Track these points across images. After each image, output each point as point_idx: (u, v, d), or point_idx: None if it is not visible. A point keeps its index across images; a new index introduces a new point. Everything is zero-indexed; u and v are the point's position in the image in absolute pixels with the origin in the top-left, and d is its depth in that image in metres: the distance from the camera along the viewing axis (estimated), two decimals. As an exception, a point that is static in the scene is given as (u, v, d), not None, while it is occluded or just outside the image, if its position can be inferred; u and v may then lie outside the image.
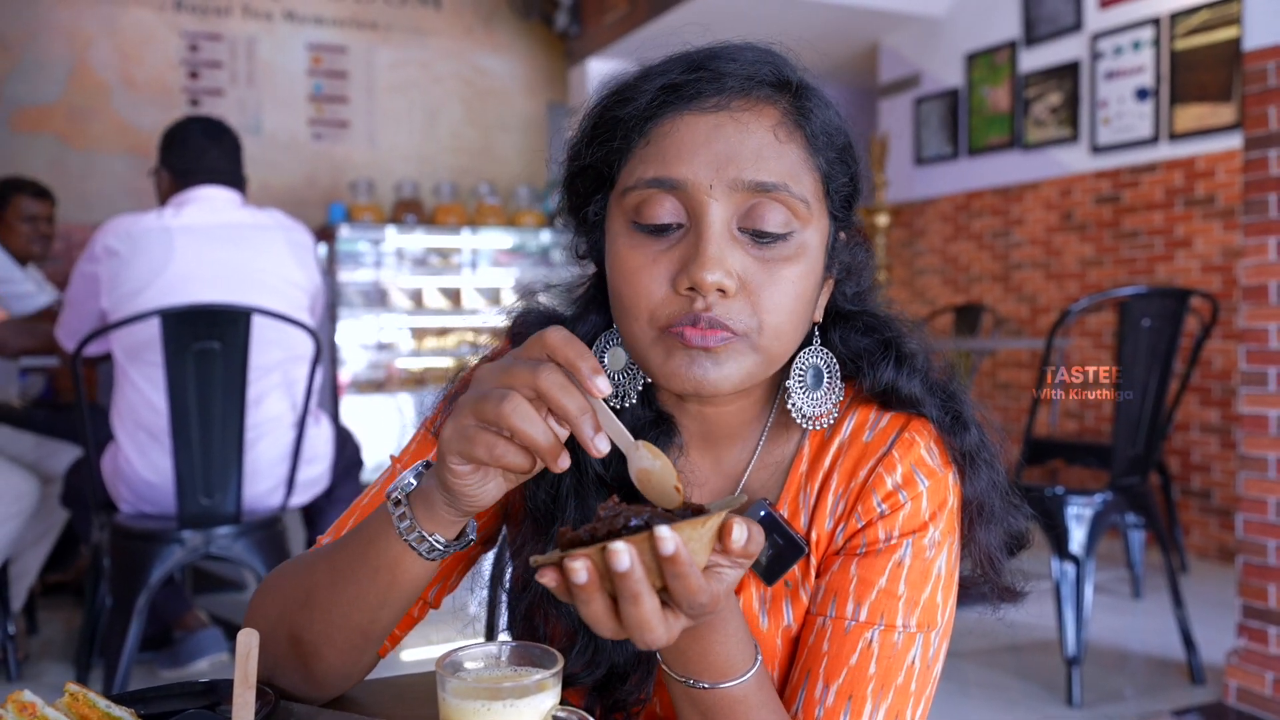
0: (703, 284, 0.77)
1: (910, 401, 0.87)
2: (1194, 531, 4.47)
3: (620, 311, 0.83)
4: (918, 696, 0.82)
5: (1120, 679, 3.03)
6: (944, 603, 0.85)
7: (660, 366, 0.81)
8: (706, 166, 0.78)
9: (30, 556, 3.03)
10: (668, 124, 0.81)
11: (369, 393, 5.79)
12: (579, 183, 0.89)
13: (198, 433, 2.35)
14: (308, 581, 0.84)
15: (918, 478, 0.85)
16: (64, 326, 2.64)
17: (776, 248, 0.80)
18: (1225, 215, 4.32)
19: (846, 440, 0.89)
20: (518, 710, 0.65)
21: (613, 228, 0.84)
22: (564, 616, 0.87)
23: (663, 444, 0.88)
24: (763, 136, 0.80)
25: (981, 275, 5.55)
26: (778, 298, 0.80)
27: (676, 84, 0.81)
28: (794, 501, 0.89)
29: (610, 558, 0.59)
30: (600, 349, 0.89)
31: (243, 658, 0.74)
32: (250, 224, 2.63)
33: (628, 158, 0.83)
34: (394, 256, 5.92)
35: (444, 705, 0.66)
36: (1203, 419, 4.42)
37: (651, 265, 0.80)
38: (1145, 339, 2.89)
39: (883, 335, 0.90)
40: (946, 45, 5.66)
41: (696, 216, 0.79)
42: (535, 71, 6.86)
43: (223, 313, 2.33)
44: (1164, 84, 4.51)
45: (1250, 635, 2.76)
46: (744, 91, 0.80)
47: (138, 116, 5.87)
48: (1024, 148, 5.21)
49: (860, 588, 0.83)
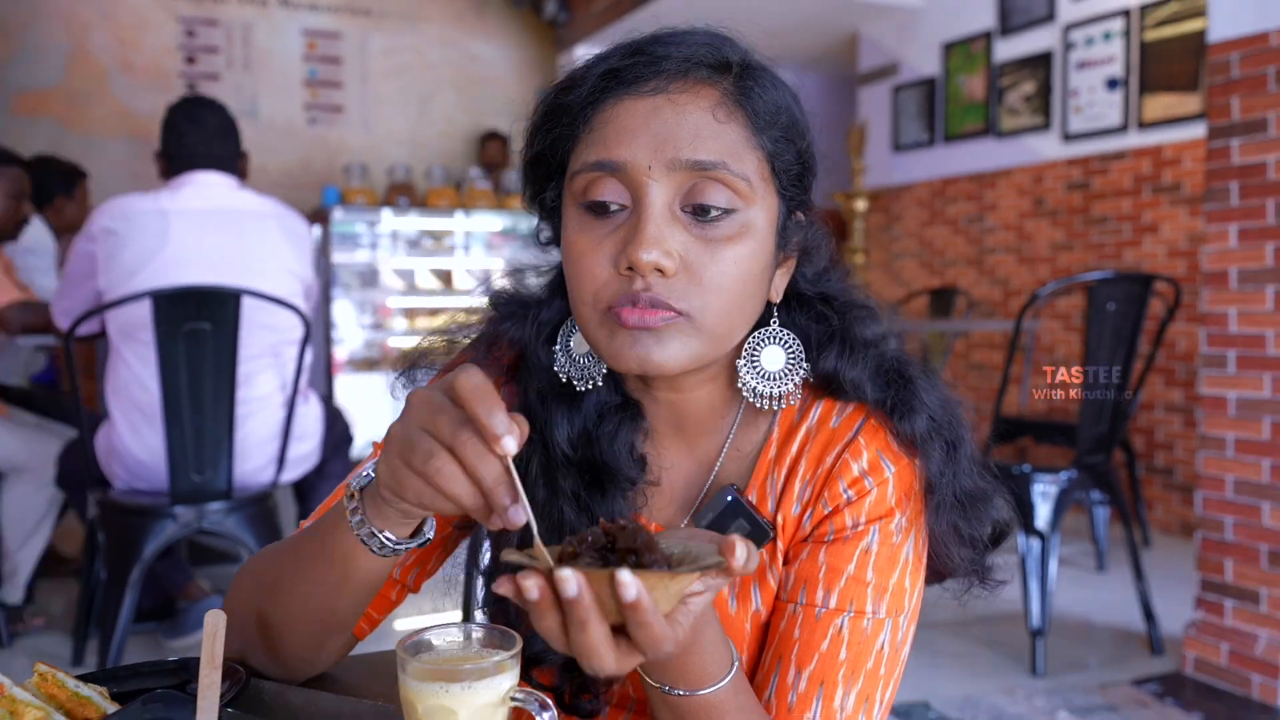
0: (639, 263, 0.77)
1: (850, 388, 0.87)
2: (1157, 507, 4.60)
3: (571, 295, 0.84)
4: (887, 679, 0.83)
5: (1083, 649, 3.09)
6: (911, 587, 0.85)
7: (605, 347, 0.82)
8: (645, 148, 0.79)
9: (28, 550, 3.08)
10: (609, 109, 0.81)
11: (363, 371, 5.92)
12: (535, 170, 0.89)
13: (189, 411, 2.39)
14: (276, 567, 0.84)
15: (884, 463, 0.85)
16: (59, 304, 2.67)
17: (718, 226, 0.80)
18: (1191, 202, 4.42)
19: (814, 426, 0.88)
20: (475, 692, 0.65)
21: (565, 213, 0.85)
22: None
23: (628, 429, 0.89)
24: (700, 117, 0.80)
25: (956, 259, 5.68)
26: (719, 277, 0.80)
27: (616, 69, 0.82)
28: (762, 486, 0.89)
29: (558, 583, 0.58)
30: (566, 334, 0.90)
31: (209, 637, 0.75)
32: (246, 210, 2.67)
33: (575, 144, 0.84)
34: (387, 238, 6.02)
35: (404, 687, 0.66)
36: (1167, 399, 4.55)
37: (595, 248, 0.81)
38: (1111, 322, 2.94)
39: (833, 320, 0.89)
40: (924, 35, 5.77)
41: (637, 197, 0.80)
42: (525, 58, 6.97)
43: (213, 294, 2.37)
44: (1133, 74, 4.62)
45: (1207, 608, 2.84)
46: (681, 74, 0.81)
47: (135, 101, 5.97)
48: (998, 135, 5.34)
49: (829, 575, 0.83)
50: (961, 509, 0.86)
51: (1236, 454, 2.78)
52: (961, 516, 0.86)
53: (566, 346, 0.90)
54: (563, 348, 0.90)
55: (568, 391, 0.89)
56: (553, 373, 0.90)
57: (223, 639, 0.75)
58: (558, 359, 0.90)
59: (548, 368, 0.90)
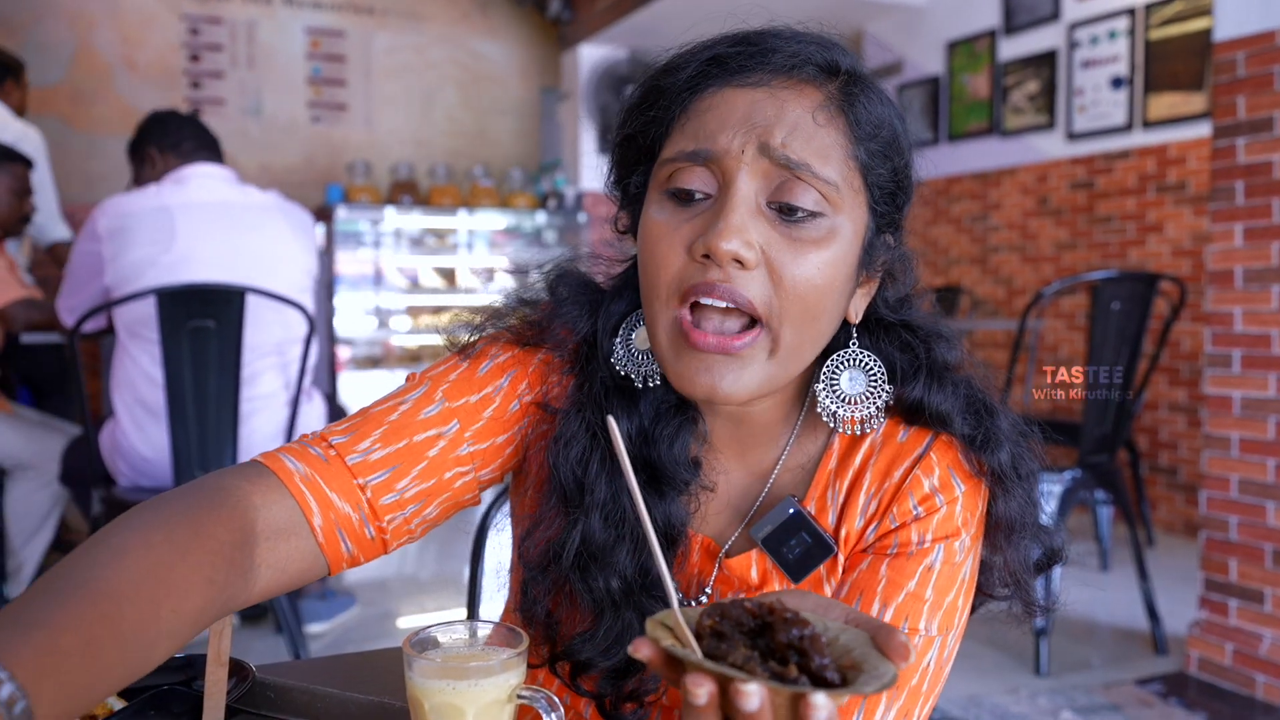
0: (718, 251, 0.75)
1: (938, 420, 0.85)
2: (1161, 506, 4.60)
3: (643, 283, 0.82)
4: (927, 696, 0.82)
5: (1087, 649, 3.11)
6: (963, 606, 0.84)
7: (671, 364, 0.80)
8: (738, 136, 0.77)
9: (33, 546, 3.10)
10: (708, 97, 0.80)
11: (367, 368, 5.93)
12: (625, 152, 0.88)
13: (193, 409, 2.40)
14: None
15: (955, 482, 0.84)
16: (64, 302, 2.67)
17: (805, 227, 0.78)
18: (1196, 201, 4.42)
19: (879, 440, 0.86)
20: (482, 689, 0.65)
21: (648, 199, 0.83)
22: (588, 601, 0.84)
23: (685, 435, 0.87)
24: (799, 115, 0.78)
25: (960, 258, 5.68)
26: (800, 279, 0.77)
27: (722, 57, 0.80)
28: (821, 499, 0.87)
29: (737, 697, 0.54)
30: (629, 328, 0.88)
31: (215, 635, 0.75)
32: (251, 204, 2.66)
33: (669, 130, 0.82)
34: (391, 237, 6.03)
35: (411, 685, 0.67)
36: (1171, 398, 4.55)
37: (673, 233, 0.79)
38: (1115, 321, 2.95)
39: (918, 351, 0.87)
40: (928, 33, 5.77)
41: (724, 185, 0.78)
42: (529, 57, 6.96)
43: (217, 292, 2.37)
44: (1138, 73, 4.62)
45: (1211, 608, 2.85)
46: (787, 71, 0.79)
47: (140, 99, 5.97)
48: (1002, 134, 5.33)
49: (889, 589, 0.82)
50: (1028, 540, 0.85)
51: (1241, 454, 2.78)
52: (1026, 547, 0.86)
53: (628, 341, 0.88)
54: (623, 341, 0.88)
55: (627, 387, 0.88)
56: (613, 366, 0.88)
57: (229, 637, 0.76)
58: (617, 352, 0.88)
59: (609, 359, 0.88)
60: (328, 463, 0.81)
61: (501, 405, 0.89)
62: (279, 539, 0.76)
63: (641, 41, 6.17)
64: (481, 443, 0.88)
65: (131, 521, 0.68)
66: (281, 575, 0.77)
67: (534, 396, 0.91)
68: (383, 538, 0.83)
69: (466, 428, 0.87)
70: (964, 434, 0.85)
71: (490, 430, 0.89)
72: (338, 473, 0.81)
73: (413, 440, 0.85)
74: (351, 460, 0.82)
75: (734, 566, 0.87)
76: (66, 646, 0.56)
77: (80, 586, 0.60)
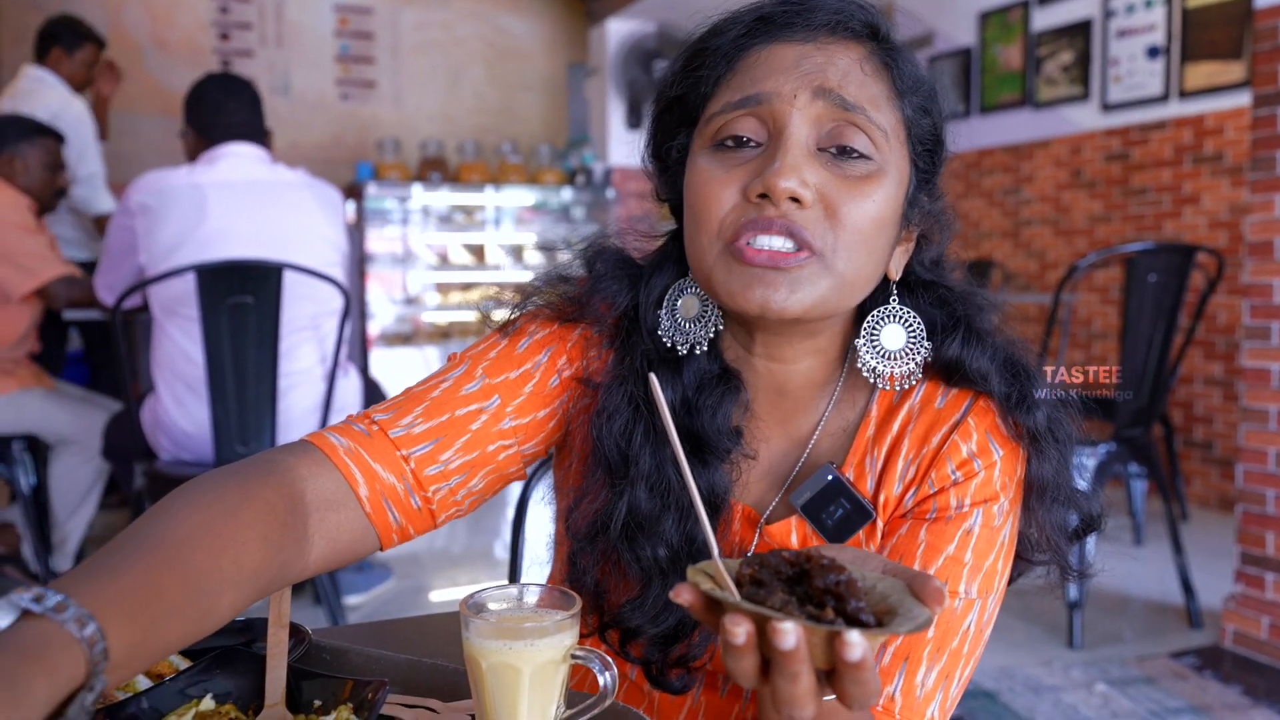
0: (776, 190, 0.76)
1: (976, 377, 0.86)
2: (1195, 481, 4.56)
3: (691, 230, 0.83)
4: (968, 658, 0.83)
5: (1120, 622, 3.10)
6: (1003, 570, 0.85)
7: (723, 284, 0.80)
8: (790, 82, 0.79)
9: (76, 519, 3.15)
10: (755, 53, 0.82)
11: (396, 345, 5.97)
12: (666, 117, 0.89)
13: (233, 384, 2.43)
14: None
15: (993, 446, 0.84)
16: (102, 279, 2.70)
17: (857, 165, 0.79)
18: (1233, 172, 4.36)
19: (917, 405, 0.87)
20: (538, 649, 0.66)
21: (693, 160, 0.84)
22: (636, 570, 0.85)
23: (728, 401, 0.88)
24: (849, 65, 0.80)
25: (992, 231, 5.63)
26: (856, 215, 0.79)
27: (769, 15, 0.83)
28: (860, 465, 0.88)
29: (774, 636, 0.55)
30: (673, 298, 0.90)
31: (276, 599, 0.77)
32: (280, 181, 2.68)
33: (715, 88, 0.84)
34: (420, 214, 6.06)
35: (468, 645, 0.68)
36: (1206, 372, 4.50)
37: (725, 177, 0.80)
38: (1151, 294, 2.92)
39: (955, 308, 0.88)
40: (960, 4, 5.69)
41: (777, 129, 0.80)
42: (556, 32, 6.95)
43: (256, 268, 2.40)
44: (1175, 42, 4.54)
45: (1248, 581, 2.83)
46: (831, 28, 0.81)
47: (170, 78, 6.01)
48: (1035, 106, 5.26)
49: (928, 553, 0.83)
50: (1063, 504, 0.86)
51: (1279, 427, 2.75)
52: (1060, 510, 0.86)
53: (672, 310, 0.89)
54: (668, 311, 0.90)
55: (671, 358, 0.89)
56: (657, 338, 0.89)
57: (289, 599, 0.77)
58: (662, 322, 0.89)
59: (653, 331, 0.90)
60: (370, 436, 0.83)
61: (541, 380, 0.91)
62: (328, 510, 0.78)
63: (669, 15, 6.14)
64: (523, 417, 0.89)
65: (186, 491, 0.71)
66: (335, 546, 0.79)
67: (574, 371, 0.92)
68: (429, 509, 0.84)
69: (508, 403, 0.89)
70: (1001, 393, 0.85)
71: (531, 405, 0.90)
72: (381, 445, 0.83)
73: (455, 414, 0.86)
74: (395, 434, 0.84)
75: (774, 533, 0.88)
76: (136, 591, 0.58)
77: (144, 541, 0.64)
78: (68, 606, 0.53)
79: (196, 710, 0.71)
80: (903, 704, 0.80)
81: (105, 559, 0.61)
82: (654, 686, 0.87)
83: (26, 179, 3.14)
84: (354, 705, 0.70)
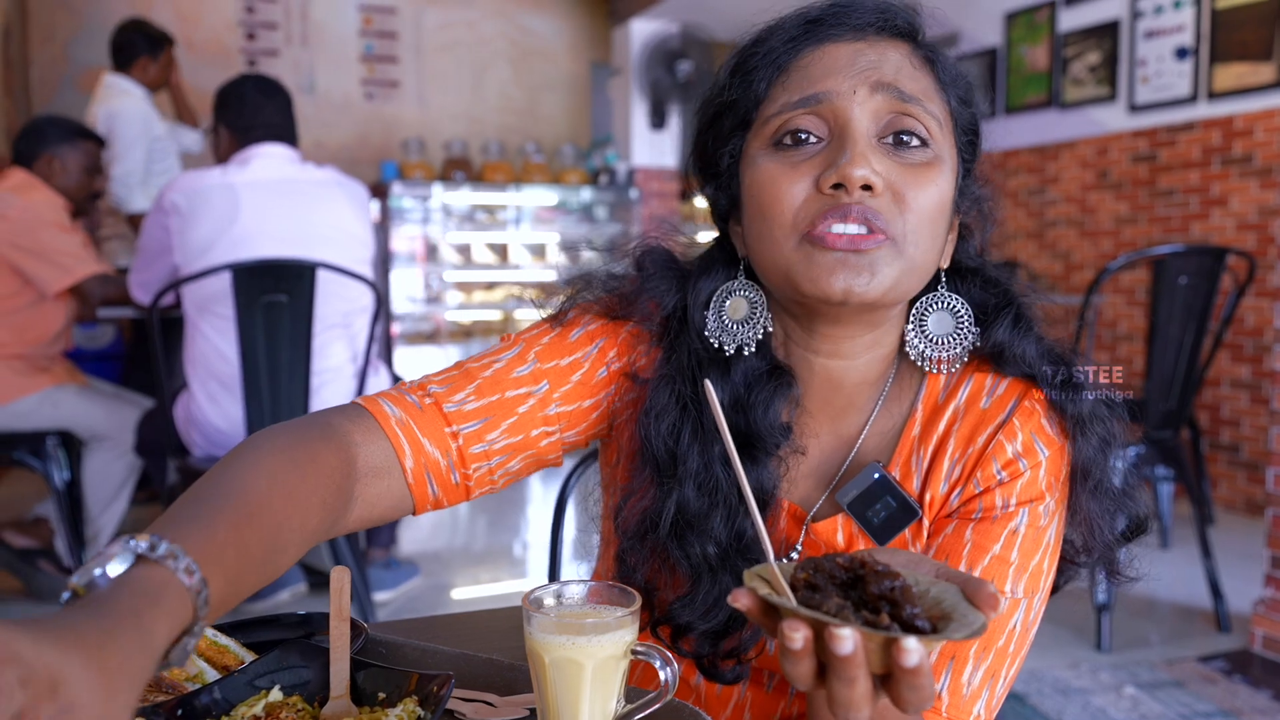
0: (850, 178, 0.79)
1: (1022, 361, 0.87)
2: (1222, 484, 4.53)
3: (760, 227, 0.85)
4: (1014, 657, 0.84)
5: (1148, 626, 3.08)
6: (1049, 570, 0.85)
7: (803, 272, 0.82)
8: (848, 79, 0.82)
9: (109, 514, 3.18)
10: (808, 54, 0.85)
11: (419, 344, 6.00)
12: (716, 127, 0.90)
13: (266, 381, 2.47)
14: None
15: (1038, 446, 0.85)
16: (136, 278, 2.74)
17: (916, 154, 0.82)
18: (1262, 174, 4.33)
19: (963, 405, 0.88)
20: (600, 644, 0.67)
21: (751, 161, 0.86)
22: (685, 567, 0.86)
23: (779, 397, 0.88)
24: (900, 61, 0.84)
25: (1017, 232, 5.60)
26: (922, 200, 0.82)
27: (817, 18, 0.86)
28: (906, 464, 0.89)
29: (832, 641, 0.55)
30: (720, 299, 0.91)
31: (336, 593, 0.78)
32: (311, 180, 2.71)
33: (768, 91, 0.86)
34: (443, 213, 6.09)
35: (531, 640, 0.69)
36: (1233, 375, 4.47)
37: (793, 172, 0.82)
38: (1181, 296, 2.90)
39: (1000, 294, 0.90)
40: (986, 4, 5.66)
41: (840, 125, 0.82)
42: (579, 32, 6.96)
43: (290, 267, 2.43)
44: (1204, 43, 4.51)
45: (1278, 585, 2.81)
46: (878, 28, 0.85)
47: (197, 77, 6.05)
48: (1061, 107, 5.24)
49: (974, 552, 0.83)
50: (1106, 499, 0.86)
51: (1310, 431, 2.73)
52: (1104, 506, 0.86)
53: (720, 311, 0.91)
54: (715, 313, 0.91)
55: (719, 358, 0.90)
56: (705, 338, 0.91)
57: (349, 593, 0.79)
58: (709, 324, 0.91)
59: (700, 331, 0.91)
60: (422, 410, 0.85)
61: (590, 371, 0.93)
62: (374, 477, 0.81)
63: (693, 16, 6.14)
64: (568, 405, 0.91)
65: (258, 444, 0.73)
66: (371, 510, 0.82)
67: (621, 366, 0.94)
68: (466, 484, 0.87)
69: (555, 389, 0.91)
70: (1047, 378, 0.87)
71: (578, 394, 0.92)
72: (431, 419, 0.85)
73: (505, 395, 0.88)
74: (448, 408, 0.86)
75: (820, 531, 0.89)
76: (229, 545, 0.61)
77: (225, 493, 0.66)
78: (179, 555, 0.55)
79: (266, 701, 0.72)
80: (949, 702, 0.81)
81: (193, 509, 0.63)
82: (707, 678, 0.89)
83: (64, 180, 3.17)
84: (419, 698, 0.71)
